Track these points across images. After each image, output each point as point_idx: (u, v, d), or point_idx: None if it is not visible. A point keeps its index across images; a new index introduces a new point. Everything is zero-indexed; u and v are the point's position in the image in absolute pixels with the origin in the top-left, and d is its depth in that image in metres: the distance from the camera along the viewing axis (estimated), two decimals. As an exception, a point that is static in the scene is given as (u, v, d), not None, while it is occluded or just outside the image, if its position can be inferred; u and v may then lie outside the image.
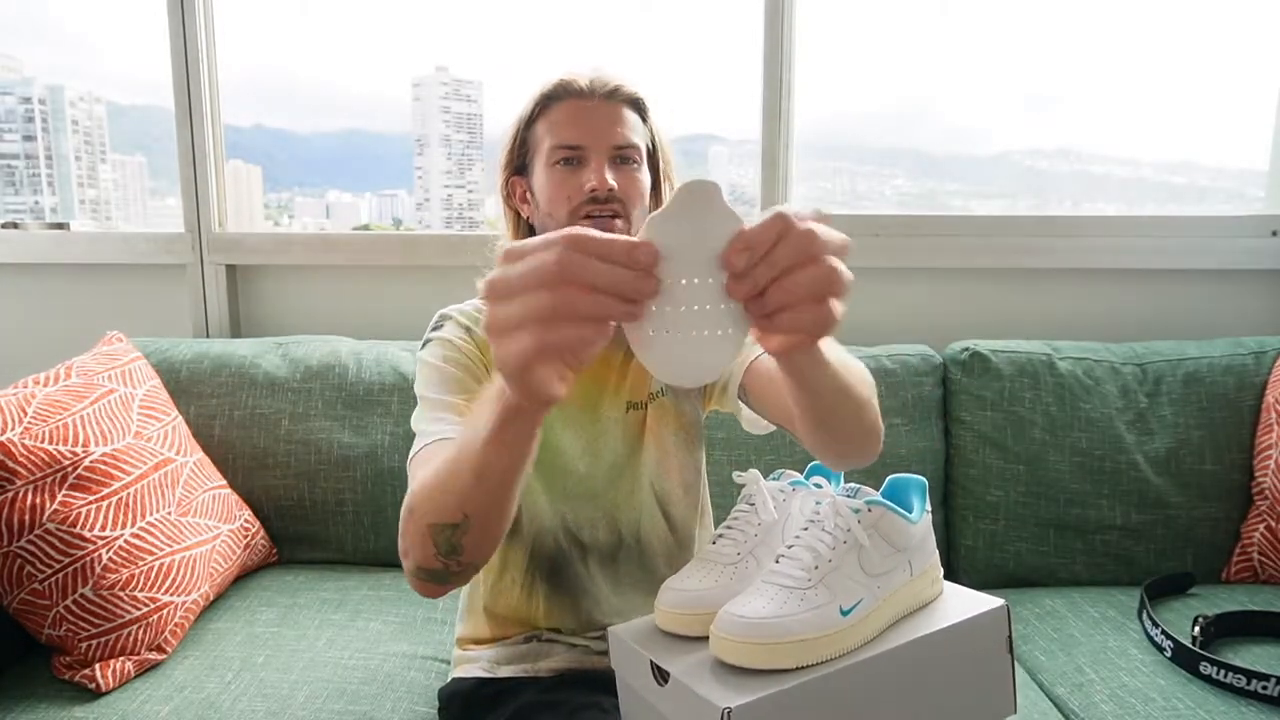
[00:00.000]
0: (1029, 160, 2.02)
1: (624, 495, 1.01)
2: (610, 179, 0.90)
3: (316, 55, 1.97)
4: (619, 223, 0.92)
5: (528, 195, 0.98)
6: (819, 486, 0.85)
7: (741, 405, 0.98)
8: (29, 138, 2.05)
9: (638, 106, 0.95)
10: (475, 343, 0.95)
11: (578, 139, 0.92)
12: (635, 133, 0.94)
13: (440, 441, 0.83)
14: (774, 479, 0.89)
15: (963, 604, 0.81)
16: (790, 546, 0.76)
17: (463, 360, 0.93)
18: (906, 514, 0.79)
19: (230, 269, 1.81)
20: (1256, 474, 1.46)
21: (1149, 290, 1.76)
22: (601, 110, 0.93)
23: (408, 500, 0.75)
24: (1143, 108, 1.88)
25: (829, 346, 0.65)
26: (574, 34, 1.88)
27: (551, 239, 0.49)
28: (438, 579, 0.75)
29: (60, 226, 1.87)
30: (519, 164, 0.98)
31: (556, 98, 0.93)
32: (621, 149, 0.93)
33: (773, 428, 0.98)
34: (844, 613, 0.72)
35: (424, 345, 0.96)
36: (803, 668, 0.70)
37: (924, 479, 0.85)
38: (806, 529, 0.77)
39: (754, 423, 1.00)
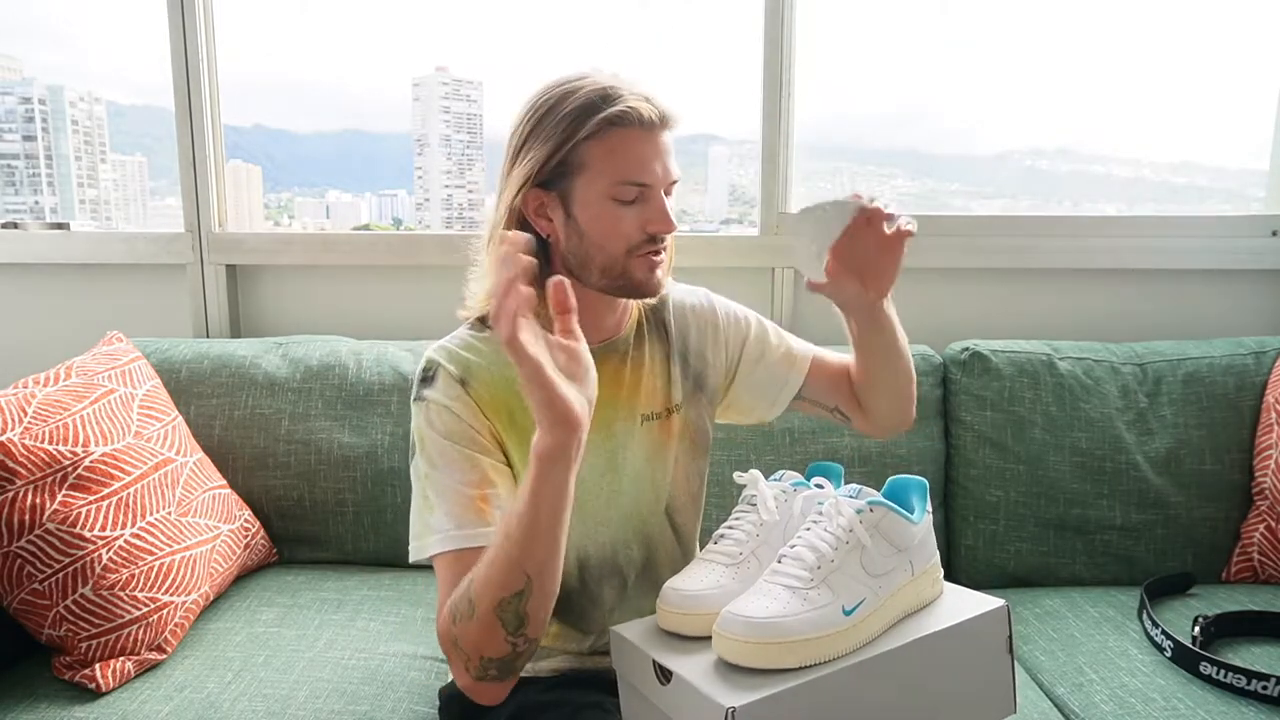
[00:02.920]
0: (1029, 160, 2.02)
1: (647, 507, 1.00)
2: (672, 219, 0.90)
3: (316, 55, 1.97)
4: (663, 256, 0.92)
5: (547, 212, 0.91)
6: (820, 487, 0.85)
7: (745, 409, 1.11)
8: (29, 138, 2.05)
9: (674, 128, 0.92)
10: (472, 398, 0.90)
11: (646, 177, 0.87)
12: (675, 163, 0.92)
13: (469, 550, 0.83)
14: (775, 480, 0.89)
15: (963, 604, 0.81)
16: (792, 546, 0.77)
17: (467, 432, 0.89)
18: (908, 514, 0.79)
19: (230, 269, 1.81)
20: (1256, 474, 1.46)
21: (1149, 290, 1.76)
22: (661, 143, 0.89)
23: (455, 608, 0.79)
24: (1143, 108, 1.88)
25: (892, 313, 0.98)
26: (574, 33, 1.88)
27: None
28: (507, 667, 0.79)
29: (60, 226, 1.87)
30: (548, 178, 0.89)
31: (621, 123, 0.86)
32: (674, 183, 0.91)
33: (768, 419, 1.12)
34: (846, 612, 0.72)
35: (417, 399, 0.91)
36: (805, 667, 0.70)
37: (925, 480, 0.85)
38: (809, 529, 0.77)
39: (755, 414, 1.12)
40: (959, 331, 1.65)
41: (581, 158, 0.87)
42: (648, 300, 1.02)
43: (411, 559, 0.88)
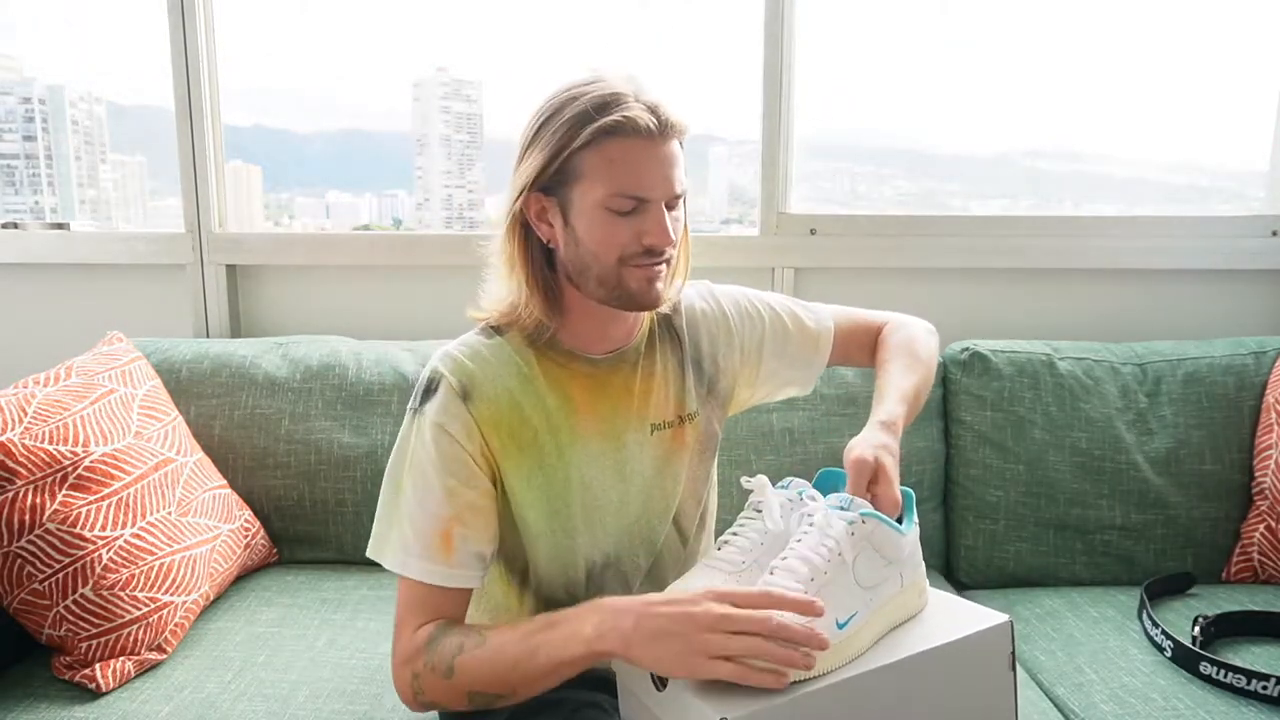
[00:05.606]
0: (1029, 160, 2.02)
1: (656, 517, 0.99)
2: (671, 232, 0.87)
3: (316, 55, 1.97)
4: (662, 268, 0.89)
5: (548, 217, 0.89)
6: (812, 499, 0.84)
7: (772, 393, 1.13)
8: (29, 138, 2.05)
9: (682, 137, 0.89)
10: (471, 416, 0.89)
11: (643, 190, 0.84)
12: (684, 172, 0.89)
13: (435, 590, 0.89)
14: (782, 487, 0.87)
15: (966, 618, 0.80)
16: (784, 558, 0.76)
17: (460, 456, 0.89)
18: (898, 526, 0.79)
19: (230, 269, 1.81)
20: (1256, 474, 1.46)
21: (1149, 290, 1.76)
22: (663, 155, 0.85)
23: (433, 661, 0.85)
24: (1143, 108, 1.87)
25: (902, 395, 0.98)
26: (574, 34, 1.88)
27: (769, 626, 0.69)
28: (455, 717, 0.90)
29: (60, 226, 1.87)
30: (548, 184, 0.87)
31: (618, 133, 0.83)
32: (677, 197, 0.88)
33: (802, 395, 1.17)
34: (840, 625, 0.72)
35: (416, 410, 0.91)
36: (800, 680, 0.69)
37: (911, 491, 0.85)
38: (800, 540, 0.77)
39: (785, 394, 1.15)
40: (959, 331, 1.65)
41: (578, 166, 0.85)
42: (655, 310, 1.01)
43: (369, 553, 0.92)
